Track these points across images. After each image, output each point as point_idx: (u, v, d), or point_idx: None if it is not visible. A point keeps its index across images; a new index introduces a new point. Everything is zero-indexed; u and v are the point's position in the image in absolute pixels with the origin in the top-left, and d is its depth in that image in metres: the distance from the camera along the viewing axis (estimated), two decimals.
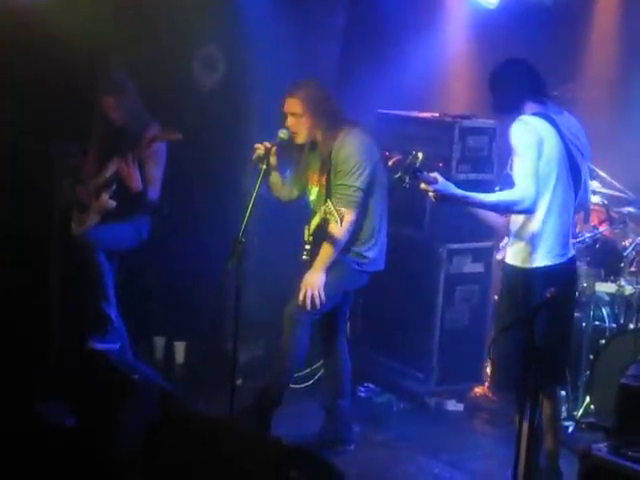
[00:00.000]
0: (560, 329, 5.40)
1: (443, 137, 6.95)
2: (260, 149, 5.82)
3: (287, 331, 5.92)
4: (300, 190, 6.15)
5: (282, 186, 6.10)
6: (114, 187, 6.72)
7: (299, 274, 5.93)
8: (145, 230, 6.86)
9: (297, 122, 5.91)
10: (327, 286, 5.88)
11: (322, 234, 5.92)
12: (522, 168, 5.23)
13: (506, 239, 5.76)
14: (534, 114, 5.35)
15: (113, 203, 6.75)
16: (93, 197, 6.79)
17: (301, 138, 5.95)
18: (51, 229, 6.56)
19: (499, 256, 6.49)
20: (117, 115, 6.75)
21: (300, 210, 6.18)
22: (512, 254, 5.45)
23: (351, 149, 5.87)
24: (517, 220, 5.40)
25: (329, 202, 5.76)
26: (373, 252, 6.02)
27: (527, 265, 5.36)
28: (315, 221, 5.96)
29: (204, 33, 7.21)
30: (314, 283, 5.85)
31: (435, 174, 5.20)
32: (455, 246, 6.98)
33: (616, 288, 6.76)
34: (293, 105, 5.91)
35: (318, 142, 5.95)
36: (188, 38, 7.14)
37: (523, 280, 5.37)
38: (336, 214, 5.64)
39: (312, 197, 6.08)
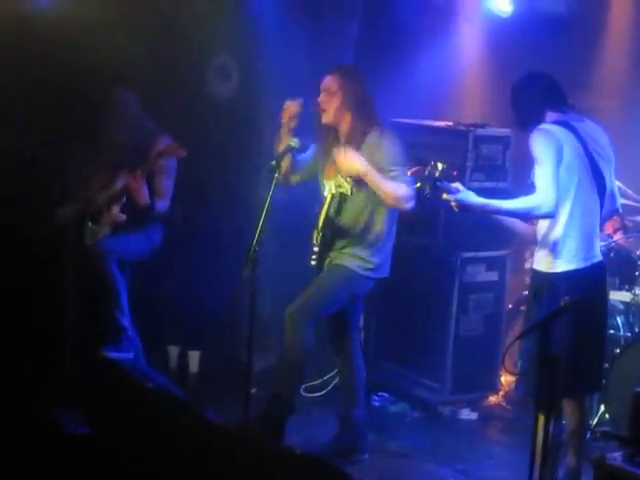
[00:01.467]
0: (584, 336, 5.36)
1: (457, 145, 6.95)
2: (292, 107, 5.87)
3: (290, 336, 5.85)
4: (307, 175, 6.11)
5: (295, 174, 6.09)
6: (123, 200, 6.75)
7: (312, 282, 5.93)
8: (157, 238, 6.88)
9: (329, 99, 5.92)
10: (331, 288, 5.88)
11: (331, 230, 5.92)
12: (543, 175, 5.27)
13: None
14: (554, 122, 5.40)
15: (123, 216, 6.76)
16: (104, 210, 6.82)
17: (328, 117, 5.94)
18: (65, 238, 6.57)
19: (528, 264, 6.48)
20: (117, 134, 6.77)
21: (315, 219, 6.17)
22: (538, 260, 5.48)
23: (390, 147, 5.85)
24: (542, 226, 5.44)
25: (339, 176, 5.75)
26: (378, 258, 5.97)
27: (552, 270, 5.38)
28: (324, 211, 5.95)
29: (217, 42, 7.23)
30: (349, 151, 5.76)
31: (457, 184, 5.25)
32: (469, 255, 6.96)
33: (631, 297, 6.73)
34: (329, 82, 5.96)
35: (345, 132, 5.93)
36: (201, 47, 7.16)
37: (549, 285, 5.38)
38: (347, 184, 5.61)
39: (325, 192, 6.05)
